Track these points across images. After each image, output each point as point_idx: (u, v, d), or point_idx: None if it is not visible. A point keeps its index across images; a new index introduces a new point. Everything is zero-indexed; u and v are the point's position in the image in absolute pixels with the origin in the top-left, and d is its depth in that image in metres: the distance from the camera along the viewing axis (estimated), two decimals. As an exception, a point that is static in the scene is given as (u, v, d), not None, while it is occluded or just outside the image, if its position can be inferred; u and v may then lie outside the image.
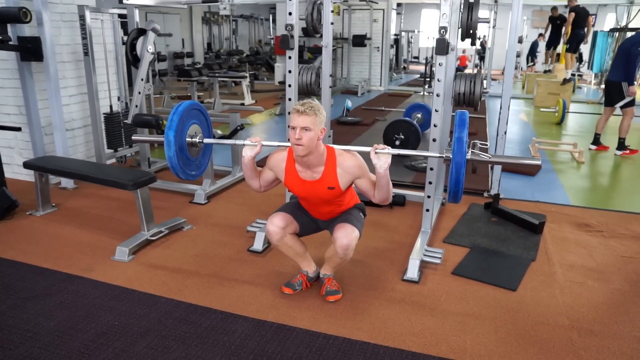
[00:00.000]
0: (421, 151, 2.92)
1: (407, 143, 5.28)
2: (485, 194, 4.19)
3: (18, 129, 3.86)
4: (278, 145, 2.45)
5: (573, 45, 10.00)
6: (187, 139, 2.46)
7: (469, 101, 3.54)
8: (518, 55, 11.93)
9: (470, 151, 2.18)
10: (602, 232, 3.51)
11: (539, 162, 2.31)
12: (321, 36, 3.75)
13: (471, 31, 3.49)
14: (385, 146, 2.21)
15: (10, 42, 3.77)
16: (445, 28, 2.78)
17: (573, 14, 9.54)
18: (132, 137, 2.86)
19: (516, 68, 13.32)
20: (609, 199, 4.42)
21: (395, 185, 4.30)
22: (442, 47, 2.81)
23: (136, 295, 2.60)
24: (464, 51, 16.31)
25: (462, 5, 3.44)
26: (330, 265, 2.60)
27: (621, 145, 5.77)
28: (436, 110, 2.98)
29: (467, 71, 15.39)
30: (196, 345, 2.18)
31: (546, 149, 5.98)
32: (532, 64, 15.54)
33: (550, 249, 3.23)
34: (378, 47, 12.25)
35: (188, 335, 2.25)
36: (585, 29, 9.87)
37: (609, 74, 5.95)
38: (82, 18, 4.20)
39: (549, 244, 3.29)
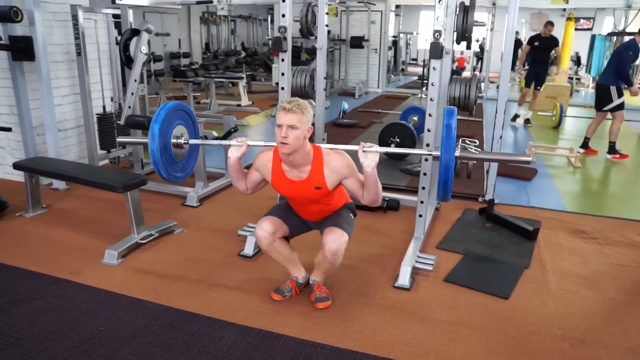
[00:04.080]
0: (409, 149, 2.88)
1: (403, 146, 5.26)
2: (480, 199, 4.16)
3: (9, 129, 3.82)
4: (264, 146, 2.40)
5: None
6: (172, 140, 2.41)
7: (464, 105, 3.50)
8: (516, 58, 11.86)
9: (459, 147, 2.14)
10: (596, 239, 3.48)
11: (529, 158, 2.32)
12: (316, 38, 3.71)
13: (466, 34, 3.46)
14: (373, 144, 2.16)
15: (1, 42, 3.73)
16: (439, 31, 2.75)
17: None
18: (117, 140, 2.84)
19: (514, 70, 13.28)
20: (605, 205, 4.39)
21: (389, 189, 4.34)
22: (437, 50, 2.78)
23: (123, 300, 2.56)
24: (462, 53, 16.26)
25: (457, 9, 3.41)
26: (319, 270, 2.56)
27: (612, 149, 5.77)
28: (430, 115, 2.95)
29: (465, 73, 15.36)
30: (181, 353, 2.15)
31: (543, 153, 5.95)
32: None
33: (544, 256, 3.19)
34: (376, 49, 12.20)
35: (174, 342, 2.22)
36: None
37: (600, 78, 5.99)
38: (74, 18, 4.15)
39: (543, 251, 3.26)
